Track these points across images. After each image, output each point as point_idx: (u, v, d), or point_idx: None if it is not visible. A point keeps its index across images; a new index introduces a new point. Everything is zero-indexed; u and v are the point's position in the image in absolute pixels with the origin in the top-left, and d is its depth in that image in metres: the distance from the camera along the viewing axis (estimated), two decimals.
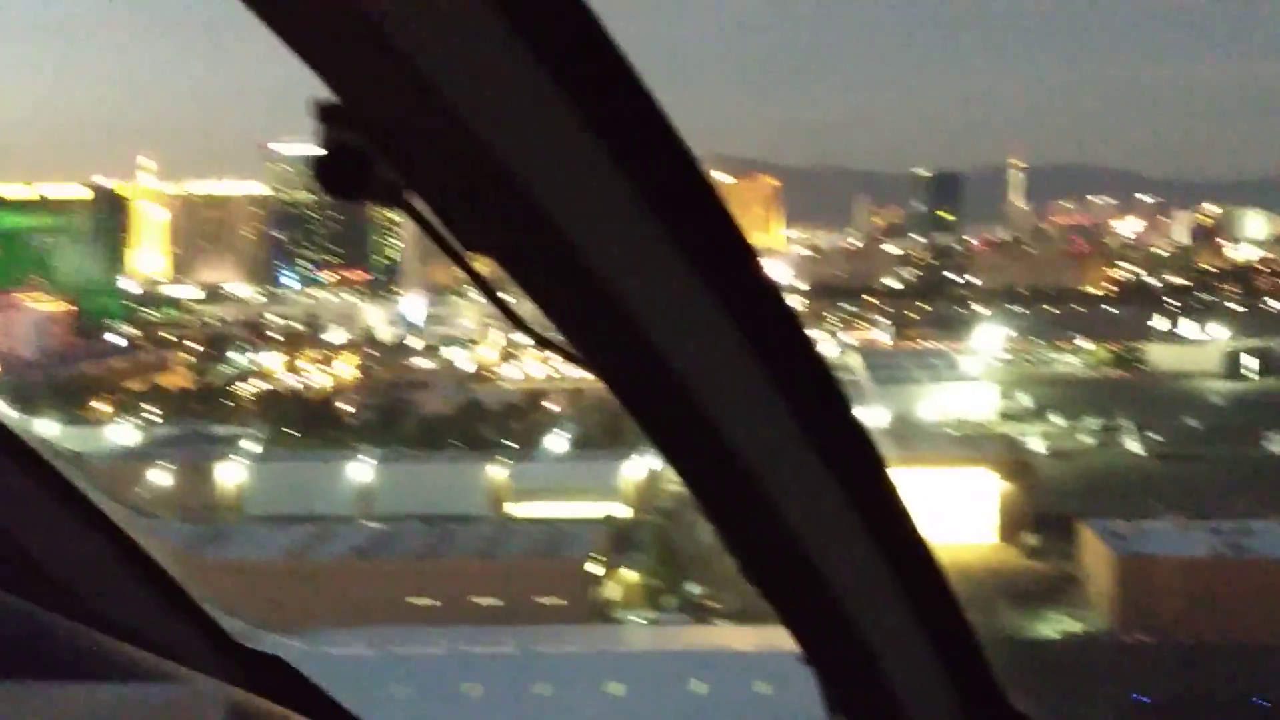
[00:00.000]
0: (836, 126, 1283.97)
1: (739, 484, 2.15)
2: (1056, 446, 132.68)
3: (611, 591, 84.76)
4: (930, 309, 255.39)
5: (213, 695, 2.18)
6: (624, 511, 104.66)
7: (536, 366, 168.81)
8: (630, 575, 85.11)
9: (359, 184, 1.73)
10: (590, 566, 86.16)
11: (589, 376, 2.13)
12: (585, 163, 1.78)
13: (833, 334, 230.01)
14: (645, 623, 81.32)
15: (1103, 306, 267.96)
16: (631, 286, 1.90)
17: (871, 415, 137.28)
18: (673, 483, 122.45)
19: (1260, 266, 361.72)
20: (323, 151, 1.72)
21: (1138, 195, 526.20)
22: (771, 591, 2.38)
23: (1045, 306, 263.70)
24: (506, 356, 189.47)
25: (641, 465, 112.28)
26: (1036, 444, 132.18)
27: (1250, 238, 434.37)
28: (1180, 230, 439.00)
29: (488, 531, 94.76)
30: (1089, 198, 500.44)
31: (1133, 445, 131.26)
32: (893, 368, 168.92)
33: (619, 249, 1.87)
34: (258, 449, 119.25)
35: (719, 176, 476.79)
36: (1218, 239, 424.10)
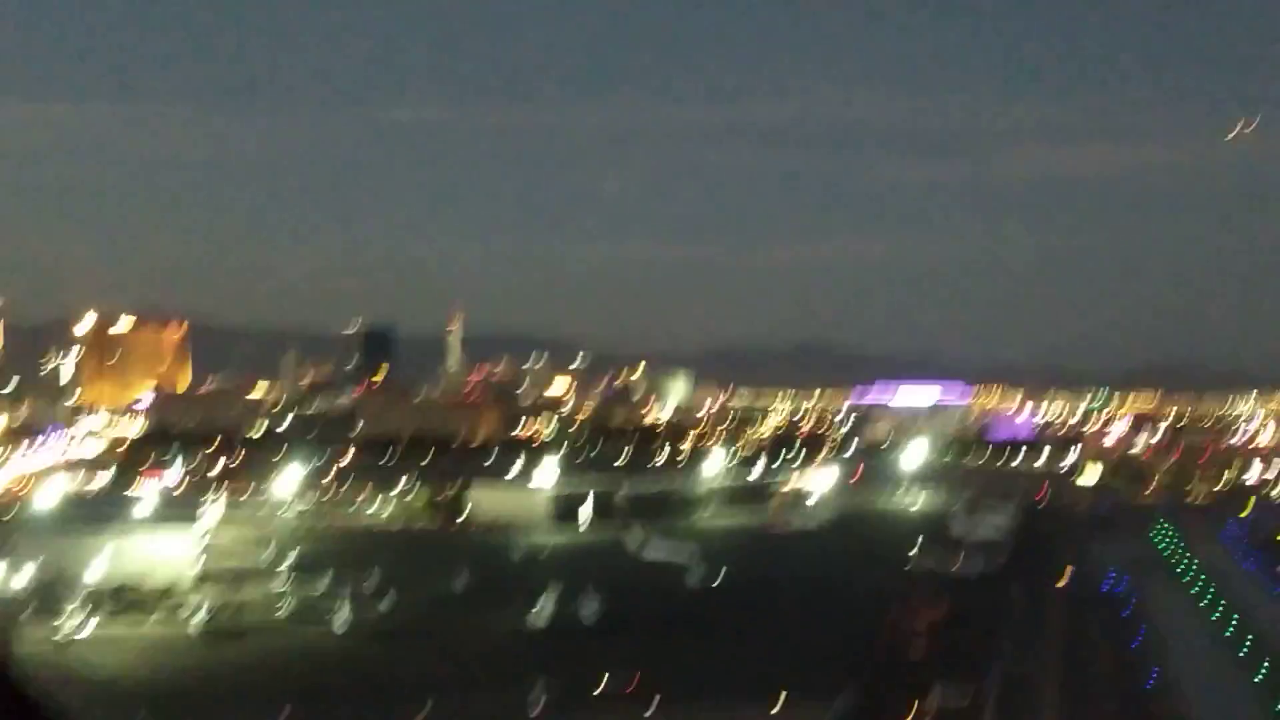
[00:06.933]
0: (292, 289, 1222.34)
1: None
2: (234, 622, 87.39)
3: None
4: (273, 456, 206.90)
5: None
6: None
7: None
8: None
9: None
10: None
11: None
12: None
13: (133, 475, 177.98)
14: None
15: (480, 456, 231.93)
16: None
17: (11, 573, 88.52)
18: None
19: (663, 425, 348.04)
20: None
21: (575, 365, 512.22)
22: None
23: (411, 454, 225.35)
24: None
25: None
26: (200, 617, 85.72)
27: (671, 402, 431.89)
28: (599, 392, 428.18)
29: None
30: (527, 364, 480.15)
31: (346, 617, 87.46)
32: (115, 511, 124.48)
33: None
34: None
35: (125, 319, 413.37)
36: (646, 401, 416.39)
